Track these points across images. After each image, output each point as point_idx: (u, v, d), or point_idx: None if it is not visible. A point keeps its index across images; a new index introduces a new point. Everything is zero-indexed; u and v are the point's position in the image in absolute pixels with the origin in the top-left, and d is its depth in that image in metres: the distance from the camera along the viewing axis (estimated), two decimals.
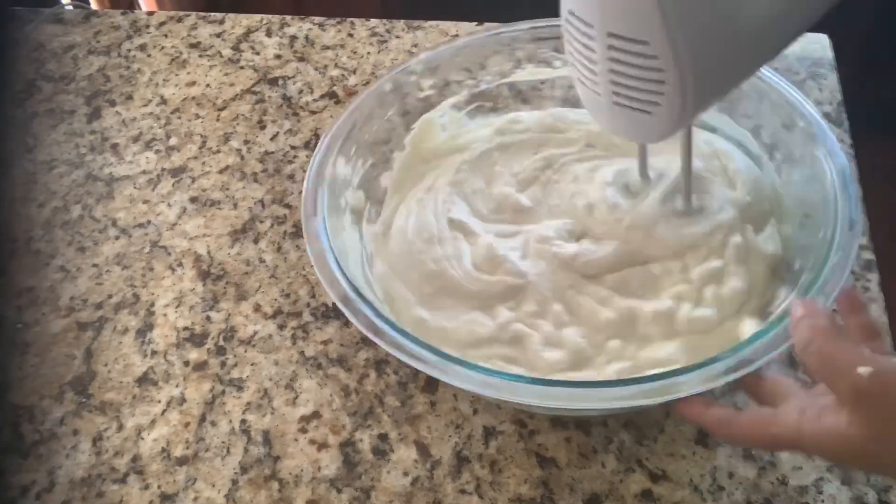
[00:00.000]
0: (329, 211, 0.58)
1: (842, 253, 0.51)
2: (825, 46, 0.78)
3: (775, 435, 0.43)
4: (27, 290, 0.66)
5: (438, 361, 0.49)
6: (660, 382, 0.47)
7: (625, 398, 0.47)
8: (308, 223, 0.57)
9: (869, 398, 0.39)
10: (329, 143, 0.62)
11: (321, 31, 0.86)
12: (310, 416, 0.58)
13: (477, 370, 0.49)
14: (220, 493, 0.55)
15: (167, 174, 0.74)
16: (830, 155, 0.56)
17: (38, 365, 0.62)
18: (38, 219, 0.71)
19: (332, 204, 0.59)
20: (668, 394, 0.46)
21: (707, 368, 0.47)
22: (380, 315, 0.52)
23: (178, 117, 0.79)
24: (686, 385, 0.46)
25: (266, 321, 0.63)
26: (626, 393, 0.47)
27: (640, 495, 0.53)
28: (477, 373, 0.49)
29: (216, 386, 0.60)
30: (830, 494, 0.52)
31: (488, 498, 0.54)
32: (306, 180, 0.59)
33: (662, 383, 0.47)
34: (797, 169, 0.60)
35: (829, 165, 0.56)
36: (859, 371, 0.39)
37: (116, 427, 0.58)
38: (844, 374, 0.39)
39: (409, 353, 0.50)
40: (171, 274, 0.67)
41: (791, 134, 0.60)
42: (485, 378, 0.49)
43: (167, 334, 0.63)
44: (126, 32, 0.87)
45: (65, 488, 0.56)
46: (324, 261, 0.55)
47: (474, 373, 0.49)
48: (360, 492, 0.54)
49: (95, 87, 0.82)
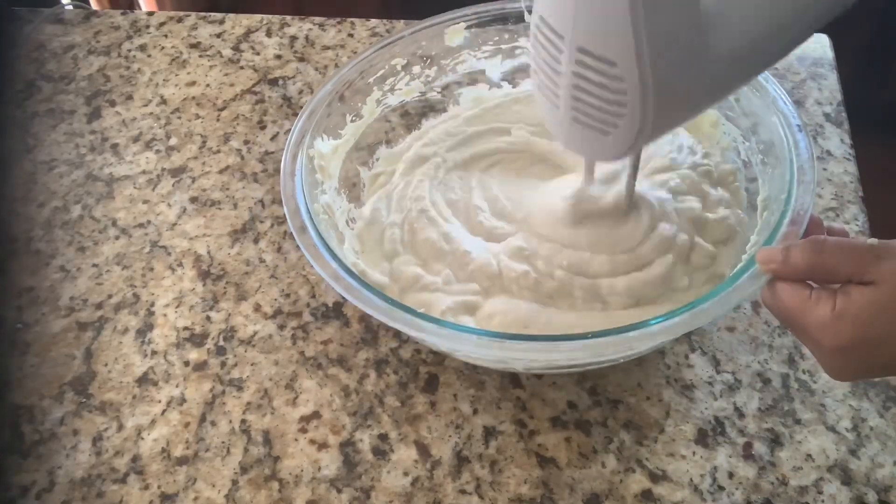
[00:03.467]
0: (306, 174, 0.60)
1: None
2: (825, 46, 0.78)
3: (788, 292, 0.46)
4: (27, 290, 0.66)
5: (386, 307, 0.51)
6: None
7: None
8: (286, 159, 0.59)
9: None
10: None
11: (321, 31, 0.86)
12: (310, 416, 0.58)
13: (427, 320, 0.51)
14: (220, 493, 0.55)
15: (167, 174, 0.74)
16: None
17: (38, 365, 0.62)
18: (38, 219, 0.71)
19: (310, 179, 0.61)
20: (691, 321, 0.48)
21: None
22: (334, 256, 0.54)
23: (178, 117, 0.79)
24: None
25: (266, 321, 0.63)
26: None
27: (640, 495, 0.53)
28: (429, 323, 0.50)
29: (216, 386, 0.60)
30: (830, 494, 0.52)
31: (488, 498, 0.54)
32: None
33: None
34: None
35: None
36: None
37: (116, 427, 0.58)
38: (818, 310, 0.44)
39: (358, 296, 0.52)
40: (171, 274, 0.67)
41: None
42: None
43: (167, 334, 0.63)
44: (126, 32, 0.87)
45: (65, 488, 0.56)
46: (291, 191, 0.58)
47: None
48: (360, 492, 0.54)
49: (95, 87, 0.82)
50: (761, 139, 0.60)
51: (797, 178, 0.53)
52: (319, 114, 0.63)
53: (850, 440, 0.55)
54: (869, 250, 0.44)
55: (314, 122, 0.62)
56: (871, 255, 0.43)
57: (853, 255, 0.44)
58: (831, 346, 0.44)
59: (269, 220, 0.70)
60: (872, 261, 0.43)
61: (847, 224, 0.65)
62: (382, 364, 0.60)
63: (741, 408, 0.57)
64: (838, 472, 0.53)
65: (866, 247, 0.44)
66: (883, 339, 0.43)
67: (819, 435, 0.55)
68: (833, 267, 0.45)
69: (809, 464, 0.54)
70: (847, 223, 0.65)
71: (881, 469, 0.53)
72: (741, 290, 0.48)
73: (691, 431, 0.56)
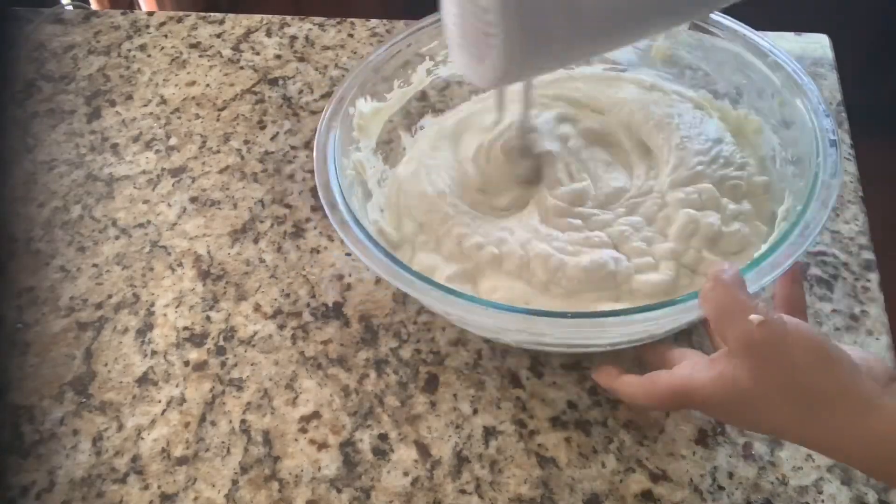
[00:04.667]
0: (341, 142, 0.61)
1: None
2: (825, 46, 0.78)
3: (668, 385, 0.46)
4: (27, 290, 0.66)
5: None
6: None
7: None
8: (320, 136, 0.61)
9: (756, 347, 0.42)
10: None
11: (321, 31, 0.86)
12: (310, 416, 0.58)
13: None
14: (220, 493, 0.55)
15: (167, 174, 0.74)
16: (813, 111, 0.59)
17: (38, 365, 0.62)
18: (38, 219, 0.71)
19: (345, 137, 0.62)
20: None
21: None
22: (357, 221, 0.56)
23: (178, 117, 0.79)
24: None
25: (266, 321, 0.63)
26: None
27: (640, 495, 0.53)
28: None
29: (216, 386, 0.60)
30: (830, 494, 0.52)
31: (488, 498, 0.54)
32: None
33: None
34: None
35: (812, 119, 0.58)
36: (750, 318, 0.42)
37: (116, 427, 0.58)
38: (737, 323, 0.42)
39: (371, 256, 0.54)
40: (171, 274, 0.67)
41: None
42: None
43: (167, 334, 0.63)
44: (126, 32, 0.87)
45: (65, 488, 0.56)
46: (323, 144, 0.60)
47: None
48: (360, 492, 0.54)
49: (95, 87, 0.82)
50: (797, 150, 0.59)
51: (817, 194, 0.53)
52: (364, 76, 0.65)
53: None
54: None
55: (358, 83, 0.65)
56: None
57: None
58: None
59: (269, 219, 0.70)
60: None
61: (847, 224, 0.65)
62: (382, 364, 0.60)
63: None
64: (838, 472, 0.53)
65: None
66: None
67: None
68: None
69: (809, 464, 0.54)
70: (847, 223, 0.65)
71: None
72: None
73: (691, 431, 0.56)
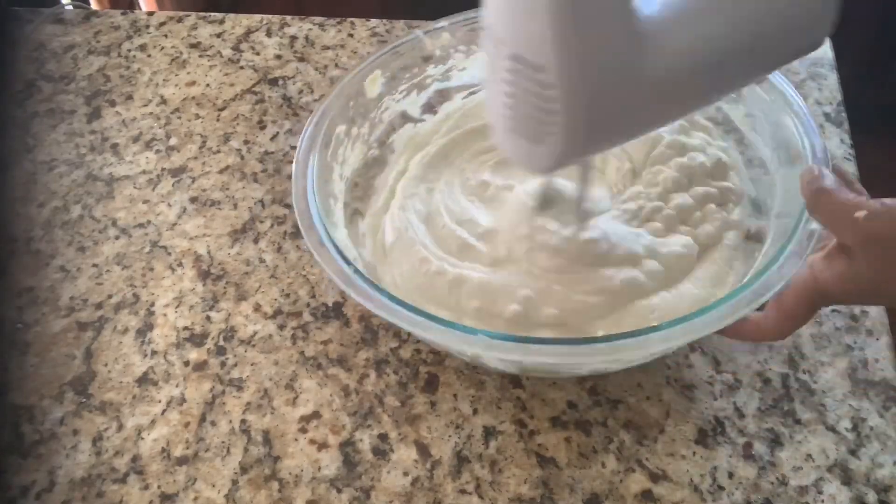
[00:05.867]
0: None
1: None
2: (825, 46, 0.78)
3: (798, 295, 0.49)
4: (27, 290, 0.66)
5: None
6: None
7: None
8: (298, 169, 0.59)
9: (867, 239, 0.45)
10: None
11: (321, 31, 0.86)
12: (310, 416, 0.58)
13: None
14: (220, 493, 0.55)
15: (167, 174, 0.74)
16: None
17: (38, 365, 0.62)
18: (38, 219, 0.71)
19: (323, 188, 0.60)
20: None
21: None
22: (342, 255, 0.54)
23: (178, 117, 0.79)
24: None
25: (266, 321, 0.63)
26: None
27: (640, 495, 0.53)
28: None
29: (216, 386, 0.60)
30: (830, 494, 0.52)
31: (488, 498, 0.54)
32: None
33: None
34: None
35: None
36: (856, 215, 0.45)
37: (116, 427, 0.58)
38: (847, 221, 0.46)
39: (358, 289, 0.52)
40: (171, 274, 0.67)
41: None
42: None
43: (167, 334, 0.63)
44: (126, 32, 0.87)
45: (65, 488, 0.56)
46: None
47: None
48: (360, 492, 0.54)
49: (95, 87, 0.82)
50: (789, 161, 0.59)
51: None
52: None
53: (850, 440, 0.55)
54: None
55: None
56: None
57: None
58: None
59: (269, 220, 0.70)
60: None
61: None
62: (382, 364, 0.60)
63: (741, 408, 0.57)
64: (838, 472, 0.53)
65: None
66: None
67: (819, 435, 0.55)
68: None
69: (809, 464, 0.54)
70: None
71: (881, 469, 0.53)
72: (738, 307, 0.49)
73: (691, 431, 0.56)
